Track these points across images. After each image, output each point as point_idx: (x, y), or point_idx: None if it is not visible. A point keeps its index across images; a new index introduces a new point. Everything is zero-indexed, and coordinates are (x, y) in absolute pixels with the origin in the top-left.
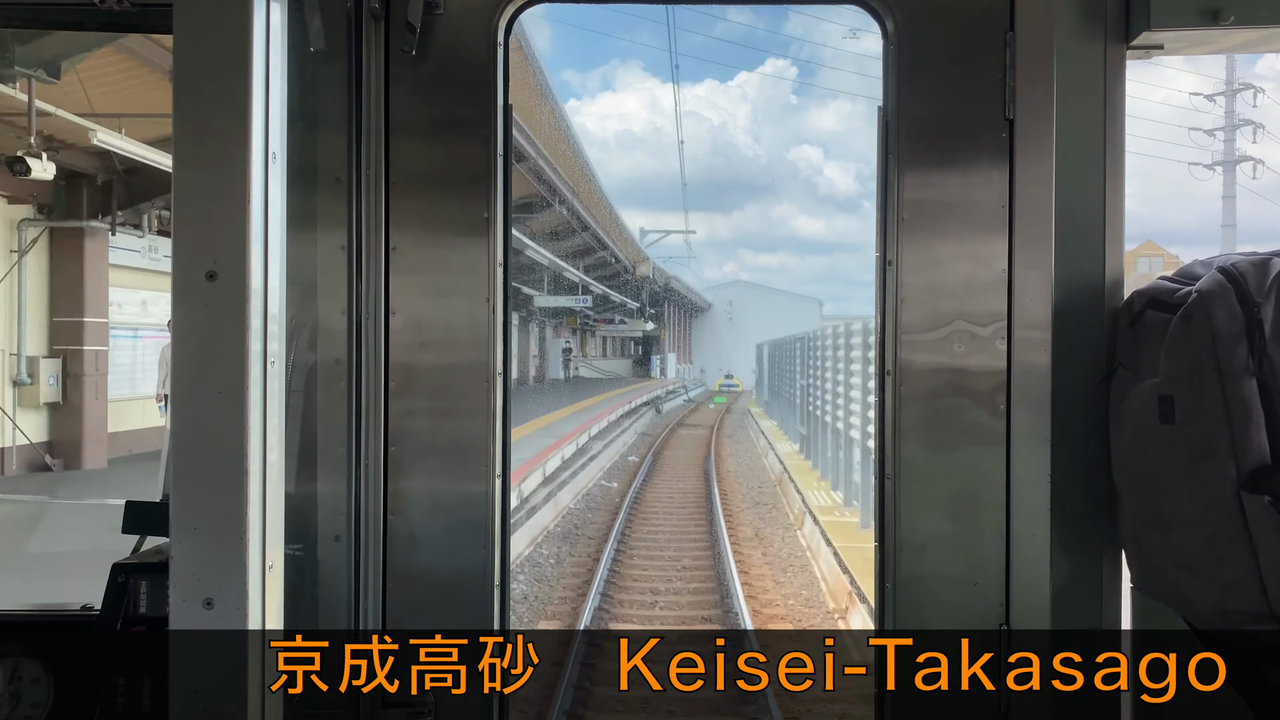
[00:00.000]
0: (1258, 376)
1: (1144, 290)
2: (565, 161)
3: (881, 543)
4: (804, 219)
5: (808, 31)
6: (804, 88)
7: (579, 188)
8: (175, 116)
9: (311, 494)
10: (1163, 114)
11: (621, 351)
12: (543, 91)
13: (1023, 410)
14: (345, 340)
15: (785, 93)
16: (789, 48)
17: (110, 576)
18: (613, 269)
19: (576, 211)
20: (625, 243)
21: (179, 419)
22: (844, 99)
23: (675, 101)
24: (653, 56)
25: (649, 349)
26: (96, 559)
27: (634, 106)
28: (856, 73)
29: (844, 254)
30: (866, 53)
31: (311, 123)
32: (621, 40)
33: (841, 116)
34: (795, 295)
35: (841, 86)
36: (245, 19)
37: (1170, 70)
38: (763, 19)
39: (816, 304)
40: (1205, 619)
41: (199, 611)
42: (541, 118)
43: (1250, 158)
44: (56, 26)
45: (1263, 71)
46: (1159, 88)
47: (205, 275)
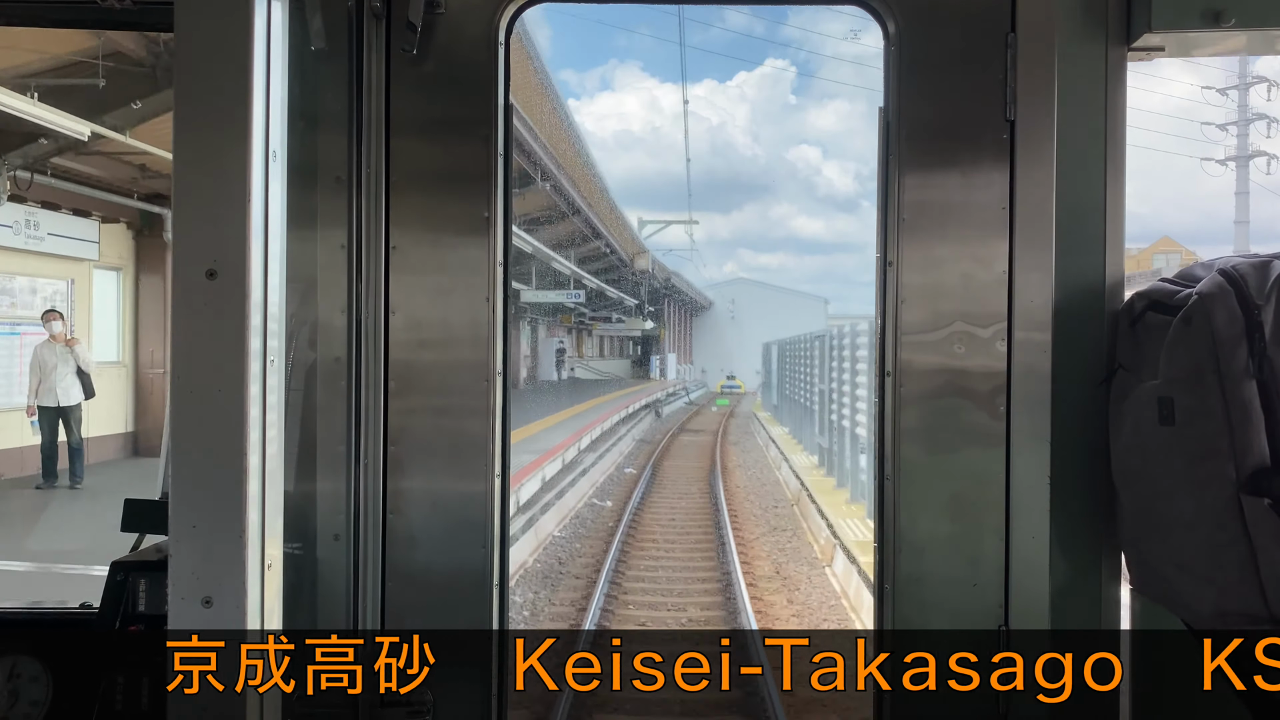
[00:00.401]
0: (1258, 379)
1: (1144, 292)
2: (550, 130)
3: (881, 543)
4: (803, 219)
5: (804, 34)
6: (802, 87)
7: (564, 158)
8: (176, 115)
9: (311, 493)
10: (1176, 108)
11: (620, 351)
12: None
13: (1023, 411)
14: (345, 339)
15: (784, 92)
16: (786, 49)
17: (109, 574)
18: (608, 261)
19: (564, 190)
20: (622, 233)
21: (178, 417)
22: (842, 99)
23: (683, 99)
24: (652, 56)
25: (648, 349)
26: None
27: (633, 106)
28: (856, 70)
29: (843, 254)
30: (864, 53)
31: (312, 121)
32: (618, 41)
33: (840, 116)
34: (799, 293)
35: (839, 88)
36: (246, 18)
37: (1181, 64)
38: (761, 20)
39: (822, 302)
40: (1204, 620)
41: (198, 610)
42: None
43: (1264, 153)
44: (57, 24)
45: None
46: (1172, 81)
47: (205, 274)
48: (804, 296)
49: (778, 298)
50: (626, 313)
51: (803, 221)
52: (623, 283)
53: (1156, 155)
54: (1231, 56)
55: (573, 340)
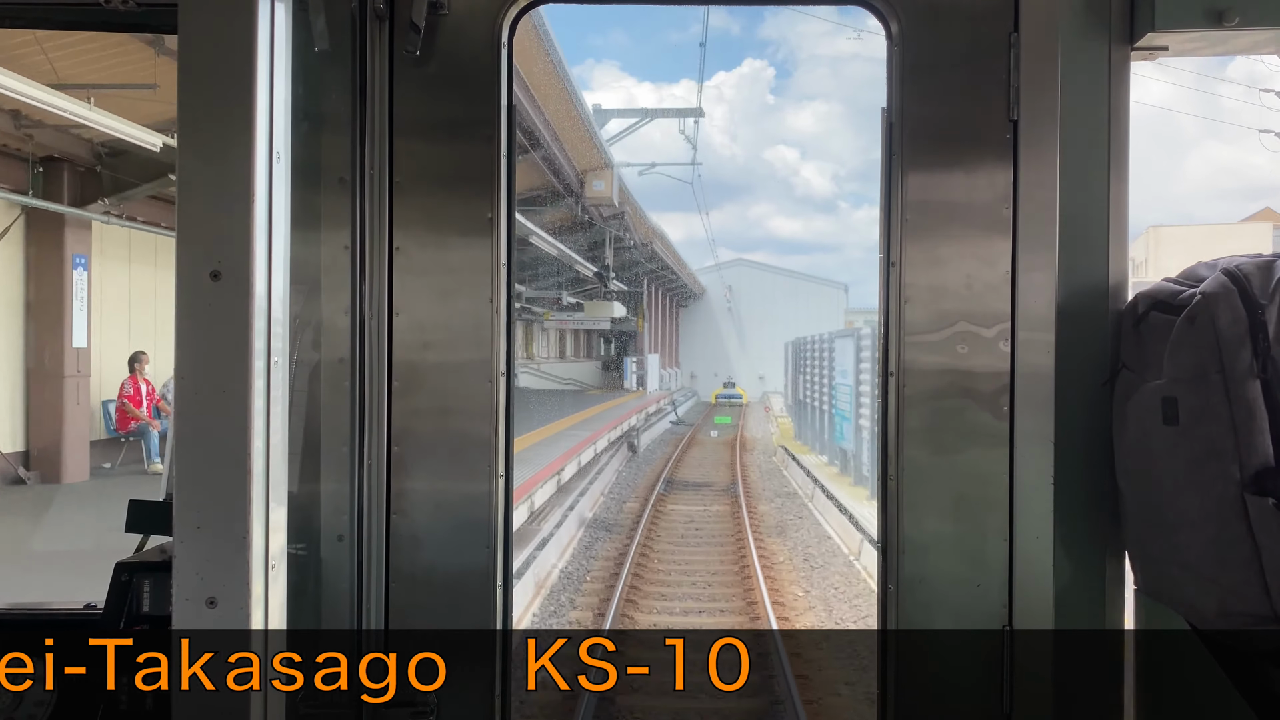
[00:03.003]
0: (1262, 378)
1: (1148, 292)
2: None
3: (885, 543)
4: (781, 219)
5: (783, 33)
6: (780, 87)
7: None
8: (180, 116)
9: (315, 493)
10: (1240, 73)
11: (585, 350)
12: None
13: (1026, 411)
14: (349, 340)
15: (763, 92)
16: (765, 48)
17: (114, 575)
18: (547, 185)
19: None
20: (571, 131)
21: (183, 418)
22: (819, 100)
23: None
24: (629, 57)
25: (622, 348)
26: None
27: (613, 104)
28: (832, 70)
29: (822, 254)
30: (840, 54)
31: (316, 123)
32: (594, 41)
33: (818, 117)
34: (811, 278)
35: (818, 88)
36: (250, 19)
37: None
38: (738, 20)
39: (840, 290)
40: (1208, 620)
41: (202, 611)
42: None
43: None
44: (62, 26)
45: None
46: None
47: (209, 275)
48: (816, 282)
49: (785, 285)
50: (586, 293)
51: (781, 221)
52: (576, 233)
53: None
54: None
55: (522, 337)
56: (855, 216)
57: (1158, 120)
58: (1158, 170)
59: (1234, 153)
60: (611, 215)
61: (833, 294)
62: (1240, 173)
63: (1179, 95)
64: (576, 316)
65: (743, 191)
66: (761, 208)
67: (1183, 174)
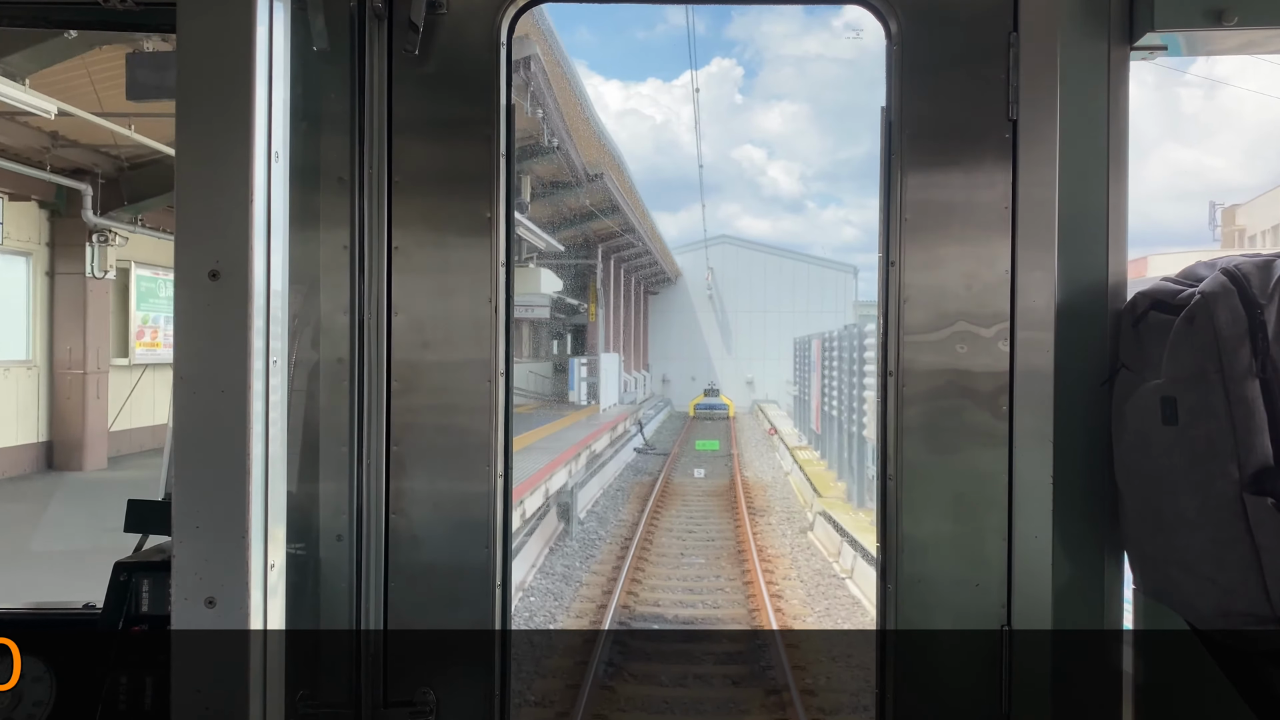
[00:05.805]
0: (1261, 378)
1: (1147, 291)
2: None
3: (883, 543)
4: (749, 219)
5: (749, 33)
6: (749, 87)
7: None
8: (179, 115)
9: (314, 493)
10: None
11: (532, 348)
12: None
13: (1025, 411)
14: (348, 339)
15: (731, 91)
16: (732, 48)
17: (112, 575)
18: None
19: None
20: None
21: (181, 417)
22: (787, 100)
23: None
24: (596, 55)
25: (577, 345)
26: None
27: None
28: (798, 69)
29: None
30: (806, 54)
31: (314, 122)
32: (566, 39)
33: (786, 117)
34: (815, 260)
35: (786, 88)
36: (248, 19)
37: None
38: (703, 19)
39: (850, 274)
40: (1207, 620)
41: (201, 610)
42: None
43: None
44: (61, 26)
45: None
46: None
47: (208, 274)
48: (819, 264)
49: (780, 268)
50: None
51: (749, 221)
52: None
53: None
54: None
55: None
56: (822, 217)
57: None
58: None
59: (1193, 155)
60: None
61: (840, 279)
62: (1201, 175)
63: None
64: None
65: (711, 191)
66: (730, 207)
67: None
